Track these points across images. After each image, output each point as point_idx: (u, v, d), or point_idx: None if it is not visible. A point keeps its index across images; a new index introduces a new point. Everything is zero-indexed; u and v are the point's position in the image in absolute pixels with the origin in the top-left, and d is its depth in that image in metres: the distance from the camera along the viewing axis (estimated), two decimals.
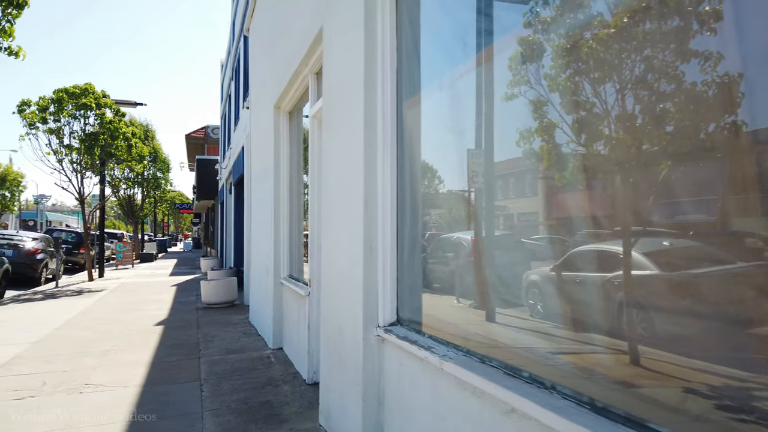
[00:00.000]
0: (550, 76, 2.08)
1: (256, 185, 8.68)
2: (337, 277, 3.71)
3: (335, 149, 3.74)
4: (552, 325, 2.14)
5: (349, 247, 3.39)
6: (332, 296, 3.83)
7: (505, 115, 2.36)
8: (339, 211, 3.66)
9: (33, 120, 16.32)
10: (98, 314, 10.15)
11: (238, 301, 11.32)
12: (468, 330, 2.60)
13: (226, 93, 19.34)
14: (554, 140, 2.05)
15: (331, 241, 3.87)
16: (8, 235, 18.10)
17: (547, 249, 2.16)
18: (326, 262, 4.05)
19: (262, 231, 7.93)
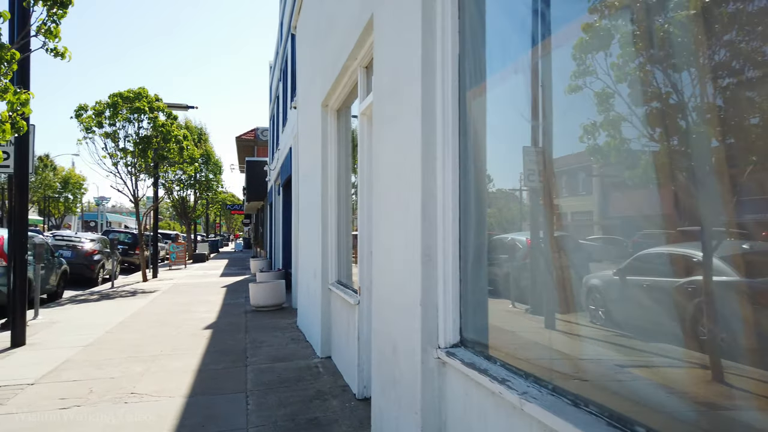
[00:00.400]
0: (617, 65, 1.90)
1: (303, 186, 8.45)
2: (390, 288, 3.35)
3: (387, 146, 3.38)
4: (615, 333, 1.95)
5: (404, 255, 3.02)
6: (385, 309, 3.48)
7: (567, 109, 2.15)
8: (392, 215, 3.30)
9: (89, 124, 16.77)
10: (149, 316, 10.18)
11: (287, 303, 11.17)
12: (549, 357, 2.19)
13: (275, 94, 19.36)
14: (621, 135, 1.90)
15: (383, 247, 3.52)
16: (67, 237, 18.71)
17: (609, 251, 1.98)
18: (377, 270, 3.70)
19: (310, 233, 7.68)
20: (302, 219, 8.62)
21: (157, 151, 17.61)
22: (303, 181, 8.48)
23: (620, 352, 1.90)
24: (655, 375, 1.75)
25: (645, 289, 1.82)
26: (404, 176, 3.04)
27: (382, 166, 3.54)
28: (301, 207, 8.71)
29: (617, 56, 1.92)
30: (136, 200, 17.98)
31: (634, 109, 1.82)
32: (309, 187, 7.64)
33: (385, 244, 3.48)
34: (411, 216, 2.92)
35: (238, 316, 10.06)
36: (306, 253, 8.08)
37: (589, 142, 2.06)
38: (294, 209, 10.87)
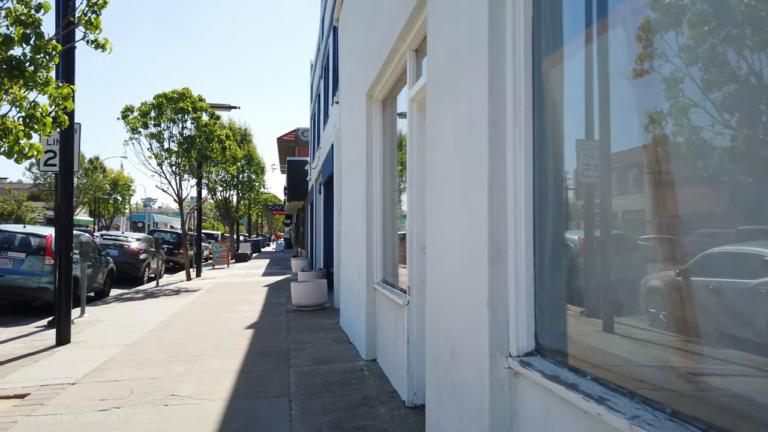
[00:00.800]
0: (688, 47, 1.72)
1: (346, 183, 8.18)
2: (448, 287, 3.00)
3: (445, 129, 3.04)
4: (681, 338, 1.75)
5: (467, 250, 2.67)
6: (441, 309, 3.13)
7: (629, 96, 1.96)
8: (451, 206, 2.95)
9: (135, 125, 17.02)
10: (191, 315, 10.12)
11: (328, 303, 10.94)
12: (649, 371, 1.81)
13: (315, 92, 19.25)
14: (691, 123, 1.72)
15: (440, 242, 3.17)
16: (114, 236, 19.08)
17: (676, 250, 1.78)
18: (432, 267, 3.36)
19: (353, 231, 7.39)
20: (345, 217, 8.35)
21: (200, 151, 17.74)
22: (346, 178, 8.21)
23: (728, 364, 1.55)
24: None
25: (711, 290, 1.67)
26: (467, 161, 2.69)
27: (439, 152, 3.19)
28: (344, 204, 8.44)
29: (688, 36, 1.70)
30: (180, 200, 18.17)
31: (707, 95, 1.64)
32: (352, 183, 7.36)
33: (442, 239, 3.13)
34: (475, 206, 2.57)
35: (280, 316, 9.88)
36: (349, 251, 7.80)
37: (654, 132, 1.85)
38: (336, 207, 10.63)
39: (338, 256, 10.43)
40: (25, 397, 5.09)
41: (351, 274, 7.51)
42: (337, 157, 10.46)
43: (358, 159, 6.74)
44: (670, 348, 1.76)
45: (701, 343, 1.64)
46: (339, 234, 10.20)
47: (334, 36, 12.25)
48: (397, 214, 5.89)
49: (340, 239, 9.68)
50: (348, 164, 7.87)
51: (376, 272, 6.09)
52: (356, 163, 6.89)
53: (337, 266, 10.53)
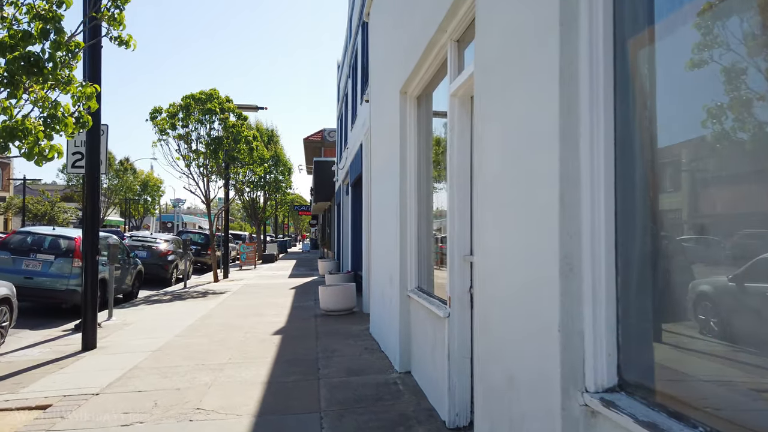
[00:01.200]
0: (752, 35, 1.56)
1: (376, 184, 7.86)
2: (504, 304, 2.64)
3: (500, 123, 2.68)
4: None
5: (530, 263, 2.31)
6: (494, 329, 2.77)
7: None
8: (507, 210, 2.59)
9: (163, 126, 17.00)
10: (218, 319, 9.92)
11: (357, 308, 10.64)
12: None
13: (343, 93, 19.01)
14: (755, 117, 1.56)
15: (492, 251, 2.81)
16: (143, 237, 19.13)
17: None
18: (482, 279, 3.00)
19: (384, 234, 7.06)
20: (375, 219, 8.03)
21: (227, 152, 17.65)
22: (376, 179, 7.88)
23: None
24: None
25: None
26: (529, 159, 2.32)
27: (491, 149, 2.83)
28: (374, 206, 8.12)
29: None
30: (208, 201, 18.12)
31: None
32: (383, 184, 7.03)
33: (495, 248, 2.77)
34: (541, 211, 2.20)
35: (308, 321, 9.61)
36: (380, 255, 7.47)
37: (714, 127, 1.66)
38: (365, 209, 10.31)
39: (367, 259, 10.11)
40: (47, 408, 4.89)
41: (382, 280, 7.18)
42: (366, 157, 10.15)
43: (390, 158, 6.41)
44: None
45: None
46: (368, 236, 9.88)
47: (363, 33, 11.94)
48: (432, 217, 5.53)
49: (369, 242, 9.36)
50: (379, 164, 7.55)
51: (411, 278, 5.75)
52: (388, 162, 6.56)
53: (366, 270, 10.22)
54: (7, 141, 4.05)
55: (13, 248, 11.18)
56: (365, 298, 10.38)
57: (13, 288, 8.58)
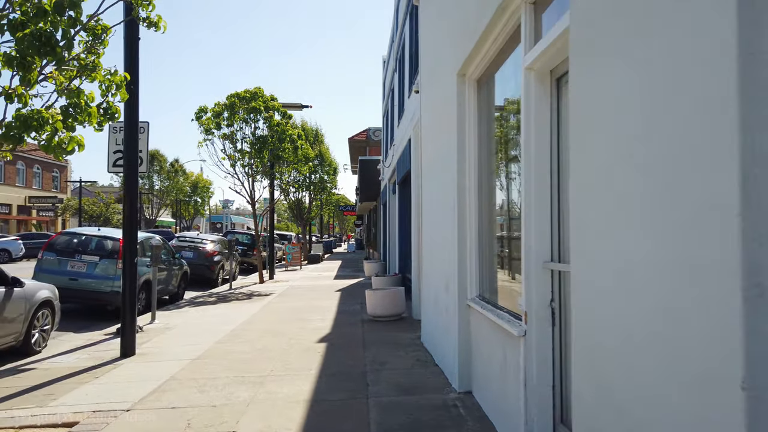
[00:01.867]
0: None
1: (428, 180, 7.20)
2: (626, 336, 1.94)
3: (625, 84, 1.98)
4: None
5: (678, 279, 1.62)
6: (609, 368, 2.07)
7: None
8: (633, 204, 1.90)
9: (209, 126, 16.84)
10: (261, 324, 9.48)
11: (406, 313, 9.99)
12: None
13: (389, 89, 18.42)
14: None
15: (604, 260, 2.12)
16: (190, 238, 19.10)
17: None
18: (585, 296, 2.31)
19: (438, 235, 6.40)
20: (427, 218, 7.36)
21: (272, 151, 17.35)
22: (428, 174, 7.22)
23: None
24: None
25: None
26: (679, 130, 1.62)
27: (602, 125, 2.14)
28: (425, 204, 7.46)
29: None
30: (253, 201, 17.88)
31: None
32: (437, 180, 6.36)
33: (607, 257, 2.08)
34: (700, 206, 1.51)
35: (354, 327, 9.04)
36: (432, 258, 6.81)
37: None
38: (413, 208, 9.66)
39: (417, 262, 9.46)
40: (74, 426, 4.47)
41: (436, 285, 6.51)
42: (415, 152, 9.49)
43: (445, 151, 5.74)
44: None
45: None
46: (418, 237, 9.23)
47: (412, 20, 11.29)
48: (495, 216, 4.84)
49: (420, 243, 8.71)
50: (431, 158, 6.88)
51: (471, 285, 5.06)
52: (443, 155, 5.89)
53: (416, 273, 9.57)
54: (21, 132, 3.62)
55: (58, 249, 11.11)
56: (415, 304, 9.73)
57: (56, 290, 8.38)
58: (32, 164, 46.83)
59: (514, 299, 4.01)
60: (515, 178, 4.09)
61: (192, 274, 17.98)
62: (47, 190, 48.50)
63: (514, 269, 4.21)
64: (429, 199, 7.11)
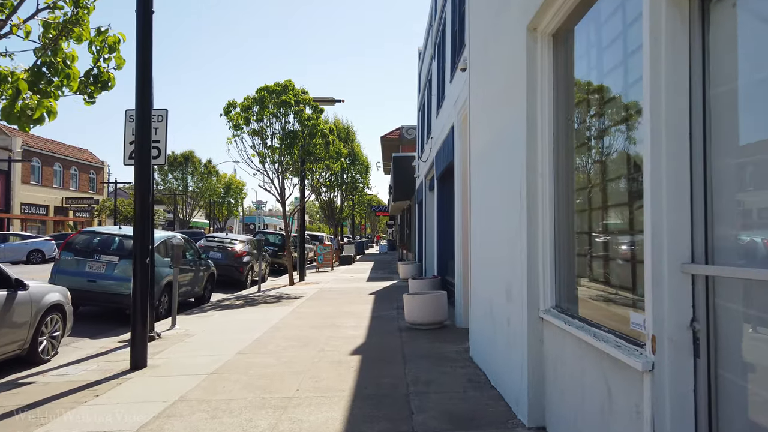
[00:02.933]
0: None
1: (479, 168, 6.17)
2: None
3: None
4: None
5: None
6: None
7: None
8: None
9: (237, 121, 16.13)
10: (289, 331, 8.59)
11: (449, 321, 8.96)
12: None
13: (425, 79, 17.40)
14: None
15: None
16: (218, 238, 18.44)
17: None
18: None
19: (493, 230, 5.38)
20: (477, 212, 6.34)
21: (303, 147, 16.54)
22: (479, 161, 6.20)
23: None
24: None
25: None
26: None
27: None
28: (475, 196, 6.43)
29: None
30: (283, 199, 17.11)
31: None
32: (494, 165, 5.34)
33: None
34: None
35: (391, 336, 8.06)
36: (486, 258, 5.78)
37: None
38: (458, 203, 8.64)
39: (461, 263, 8.43)
40: None
41: (490, 291, 5.48)
42: (459, 139, 8.47)
43: (507, 128, 4.71)
44: None
45: None
46: (463, 235, 8.20)
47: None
48: (574, 204, 3.79)
49: (466, 243, 7.68)
50: (484, 142, 5.86)
51: (545, 293, 4.02)
52: (504, 134, 4.87)
53: (460, 276, 8.53)
54: None
55: (77, 249, 10.46)
56: (458, 310, 8.70)
57: (68, 294, 7.65)
58: (69, 166, 47.45)
59: (617, 314, 2.97)
60: (618, 152, 3.05)
61: (220, 275, 17.30)
62: (84, 191, 49.10)
63: (612, 273, 3.16)
64: (480, 190, 6.08)
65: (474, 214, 6.53)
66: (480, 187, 6.13)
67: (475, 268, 6.42)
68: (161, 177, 56.33)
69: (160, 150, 8.35)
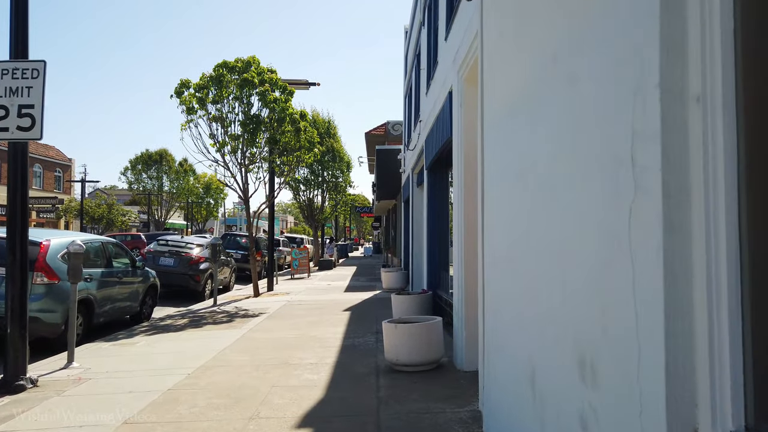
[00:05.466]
0: None
1: (504, 128, 3.75)
2: None
3: None
4: None
5: None
6: None
7: None
8: None
9: (190, 103, 13.56)
10: (222, 374, 6.09)
11: (445, 357, 6.52)
12: None
13: (413, 57, 15.00)
14: None
15: None
16: (172, 242, 15.84)
17: None
18: None
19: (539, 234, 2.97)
20: (498, 205, 3.91)
21: (270, 135, 14.02)
22: (505, 118, 3.77)
23: None
24: None
25: None
26: None
27: None
28: (495, 178, 4.01)
29: None
30: (246, 196, 14.57)
31: None
32: (545, 113, 2.92)
33: None
34: None
35: (365, 387, 5.60)
36: (523, 283, 3.36)
37: None
38: (457, 194, 6.23)
39: (462, 278, 6.02)
40: None
41: (533, 346, 3.06)
42: (462, 106, 6.06)
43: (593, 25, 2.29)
44: None
45: None
46: (471, 241, 5.81)
47: None
48: None
49: (476, 250, 5.26)
50: (521, 84, 3.43)
51: (715, 394, 1.59)
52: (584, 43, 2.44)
53: (461, 297, 6.11)
54: None
55: None
56: (458, 343, 6.27)
57: None
58: (32, 163, 44.36)
59: None
60: None
61: (172, 285, 14.74)
62: (49, 190, 46.02)
63: None
64: (505, 167, 3.65)
65: (491, 209, 4.10)
66: (503, 162, 3.69)
67: (494, 292, 4.00)
68: (135, 176, 53.42)
69: (34, 119, 5.84)
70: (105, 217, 44.80)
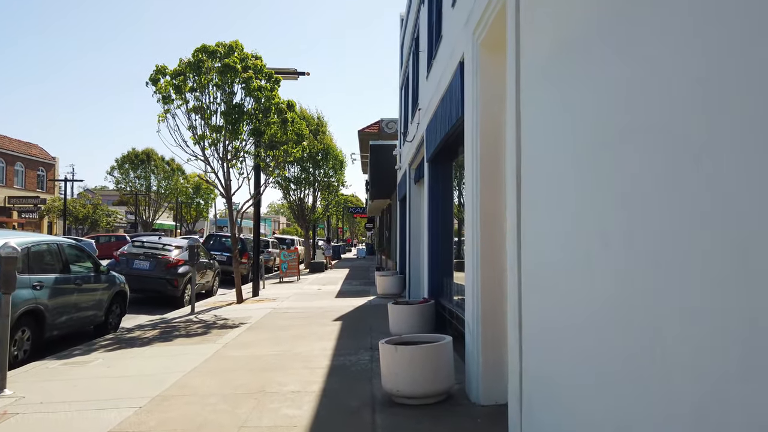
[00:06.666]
0: None
1: (544, 91, 2.59)
2: None
3: None
4: None
5: None
6: None
7: None
8: None
9: (166, 91, 12.34)
10: (183, 406, 4.89)
11: (456, 385, 5.34)
12: None
13: (410, 41, 13.84)
14: None
15: None
16: (149, 244, 14.58)
17: None
18: None
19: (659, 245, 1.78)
20: (558, 188, 2.75)
21: (254, 127, 12.81)
22: (563, 67, 2.60)
23: None
24: None
25: None
26: None
27: None
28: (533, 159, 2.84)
29: None
30: (228, 193, 13.36)
31: None
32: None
33: None
34: None
35: (357, 429, 4.42)
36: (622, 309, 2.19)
37: None
38: (472, 184, 5.08)
39: (477, 287, 4.87)
40: None
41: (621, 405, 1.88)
42: (477, 75, 4.90)
43: None
44: None
45: None
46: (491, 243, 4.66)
47: None
48: None
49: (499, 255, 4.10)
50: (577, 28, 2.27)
51: None
52: None
53: (477, 312, 4.95)
54: None
55: None
56: (472, 368, 5.10)
57: None
58: (14, 161, 42.84)
59: None
60: None
61: (148, 290, 13.51)
62: (31, 189, 44.46)
63: None
64: (569, 134, 2.49)
65: (535, 200, 2.93)
66: (560, 129, 2.53)
67: (542, 320, 2.83)
68: (122, 175, 51.91)
69: None
70: (90, 218, 43.29)
